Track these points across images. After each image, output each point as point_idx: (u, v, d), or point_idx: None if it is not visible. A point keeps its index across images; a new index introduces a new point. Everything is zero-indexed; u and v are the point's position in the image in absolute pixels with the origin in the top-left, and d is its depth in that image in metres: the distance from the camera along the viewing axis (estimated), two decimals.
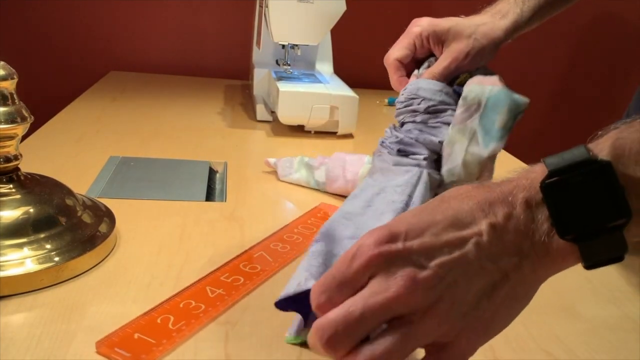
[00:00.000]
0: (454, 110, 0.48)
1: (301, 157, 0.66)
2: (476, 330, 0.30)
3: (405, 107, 0.51)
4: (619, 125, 0.30)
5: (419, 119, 0.49)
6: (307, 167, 0.65)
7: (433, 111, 0.49)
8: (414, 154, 0.47)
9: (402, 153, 0.48)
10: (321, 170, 0.64)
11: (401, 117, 0.51)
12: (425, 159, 0.47)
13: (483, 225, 0.30)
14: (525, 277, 0.30)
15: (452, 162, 0.46)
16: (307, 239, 0.51)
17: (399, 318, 0.29)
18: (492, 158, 0.45)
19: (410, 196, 0.43)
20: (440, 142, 0.47)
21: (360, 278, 0.29)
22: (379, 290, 0.28)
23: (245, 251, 0.48)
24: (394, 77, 0.57)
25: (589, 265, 0.29)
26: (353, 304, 0.29)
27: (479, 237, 0.29)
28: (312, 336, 0.29)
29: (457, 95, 0.49)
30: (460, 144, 0.45)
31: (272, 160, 0.68)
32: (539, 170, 0.30)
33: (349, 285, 0.29)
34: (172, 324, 0.38)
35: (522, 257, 0.30)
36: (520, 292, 0.31)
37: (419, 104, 0.49)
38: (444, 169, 0.47)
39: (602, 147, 0.29)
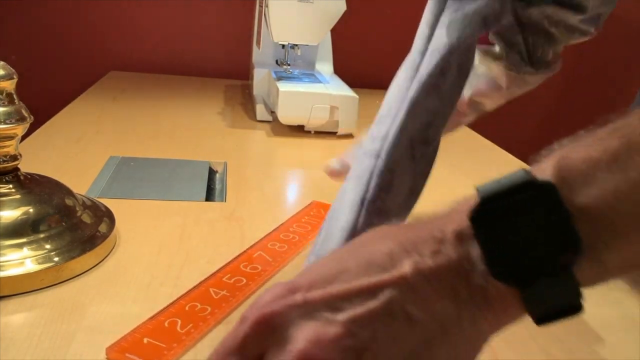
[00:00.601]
0: None
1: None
2: None
3: None
4: (564, 143, 0.25)
5: None
6: None
7: None
8: None
9: None
10: None
11: None
12: None
13: (406, 267, 0.23)
14: (466, 331, 0.24)
15: None
16: (304, 238, 0.51)
17: None
18: None
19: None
20: None
21: (250, 347, 0.24)
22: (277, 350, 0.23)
23: (245, 251, 0.48)
24: None
25: (539, 319, 0.23)
26: None
27: (402, 281, 0.23)
28: None
29: None
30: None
31: (335, 164, 0.51)
32: (473, 202, 0.24)
33: (238, 357, 0.24)
34: (180, 327, 0.37)
35: (460, 304, 0.23)
36: (462, 352, 0.24)
37: None
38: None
39: (544, 167, 0.24)
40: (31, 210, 0.43)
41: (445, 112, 0.35)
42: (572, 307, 0.23)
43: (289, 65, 0.95)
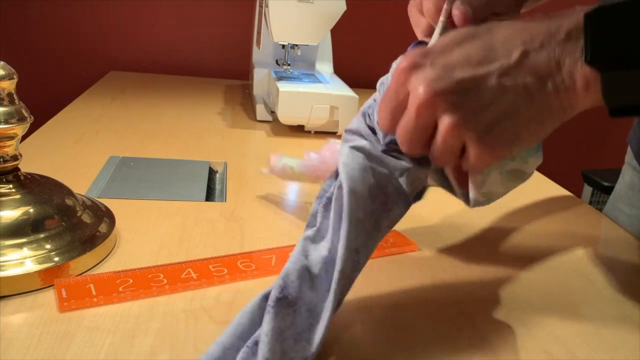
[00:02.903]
0: None
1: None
2: (488, 143, 0.32)
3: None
4: None
5: None
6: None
7: None
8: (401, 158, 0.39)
9: (390, 153, 0.39)
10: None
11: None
12: (411, 166, 0.38)
13: (516, 53, 0.32)
14: (549, 99, 0.32)
15: (490, 188, 0.39)
16: None
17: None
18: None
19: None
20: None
21: (396, 95, 0.34)
22: (410, 100, 0.33)
23: (257, 250, 0.48)
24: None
25: (611, 105, 0.30)
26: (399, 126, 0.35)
27: (508, 60, 0.32)
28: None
29: None
30: (497, 169, 0.38)
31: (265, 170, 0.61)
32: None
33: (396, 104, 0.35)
34: (123, 287, 0.40)
35: (547, 78, 0.31)
36: (544, 113, 0.32)
37: None
38: (476, 193, 0.39)
39: None
40: (31, 210, 0.43)
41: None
42: None
43: (289, 65, 0.95)
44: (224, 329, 0.38)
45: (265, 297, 0.35)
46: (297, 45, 0.92)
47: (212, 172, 0.69)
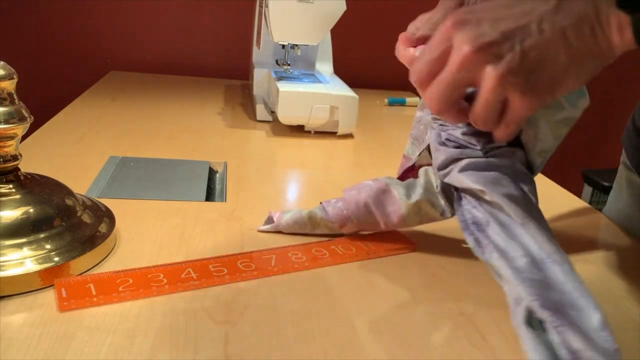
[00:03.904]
0: None
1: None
2: (531, 89, 0.33)
3: None
4: None
5: None
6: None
7: None
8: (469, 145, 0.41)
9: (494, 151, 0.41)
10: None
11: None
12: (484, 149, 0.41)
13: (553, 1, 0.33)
14: (587, 43, 0.32)
15: (543, 142, 0.41)
16: (328, 260, 0.48)
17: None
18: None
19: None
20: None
21: (438, 48, 0.35)
22: (452, 55, 0.34)
23: (256, 251, 0.48)
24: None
25: None
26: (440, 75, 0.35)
27: (546, 6, 0.33)
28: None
29: None
30: (545, 118, 0.40)
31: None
32: None
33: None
34: (123, 287, 0.40)
35: (582, 22, 0.32)
36: (583, 56, 0.33)
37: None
38: (534, 152, 0.42)
39: None
40: (31, 210, 0.43)
41: None
42: None
43: (289, 65, 0.95)
44: (224, 329, 0.38)
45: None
46: (297, 45, 0.92)
47: (212, 172, 0.69)
